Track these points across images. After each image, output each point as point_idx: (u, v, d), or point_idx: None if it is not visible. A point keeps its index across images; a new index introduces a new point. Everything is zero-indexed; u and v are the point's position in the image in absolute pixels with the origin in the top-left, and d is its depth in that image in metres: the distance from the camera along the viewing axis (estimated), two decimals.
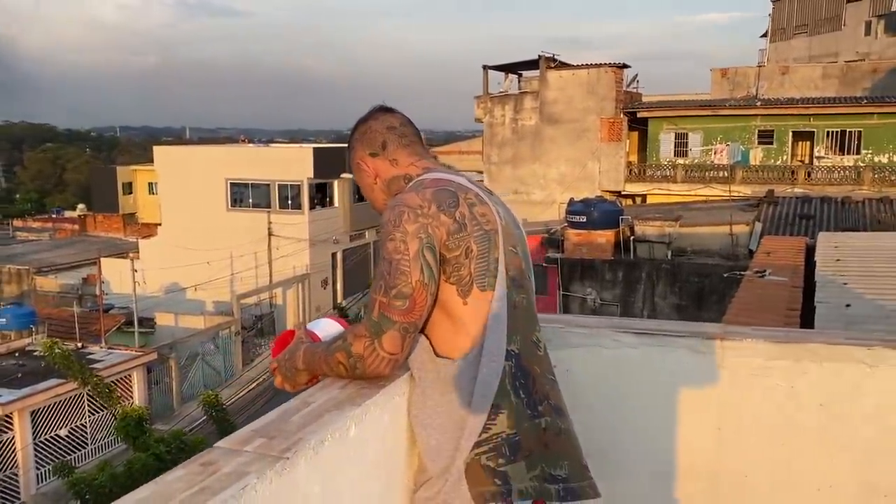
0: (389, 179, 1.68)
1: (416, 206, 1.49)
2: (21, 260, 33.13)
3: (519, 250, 1.62)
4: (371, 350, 1.48)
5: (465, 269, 1.50)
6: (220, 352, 24.50)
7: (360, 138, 1.71)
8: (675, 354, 1.94)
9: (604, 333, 2.00)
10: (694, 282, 17.45)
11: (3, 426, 17.72)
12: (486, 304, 1.52)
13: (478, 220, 1.51)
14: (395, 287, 1.46)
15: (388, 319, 1.47)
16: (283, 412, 1.45)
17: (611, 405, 2.01)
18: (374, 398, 1.53)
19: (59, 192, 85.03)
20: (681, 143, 27.87)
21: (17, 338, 21.98)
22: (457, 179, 1.58)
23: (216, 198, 30.23)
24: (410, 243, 1.47)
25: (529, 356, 1.57)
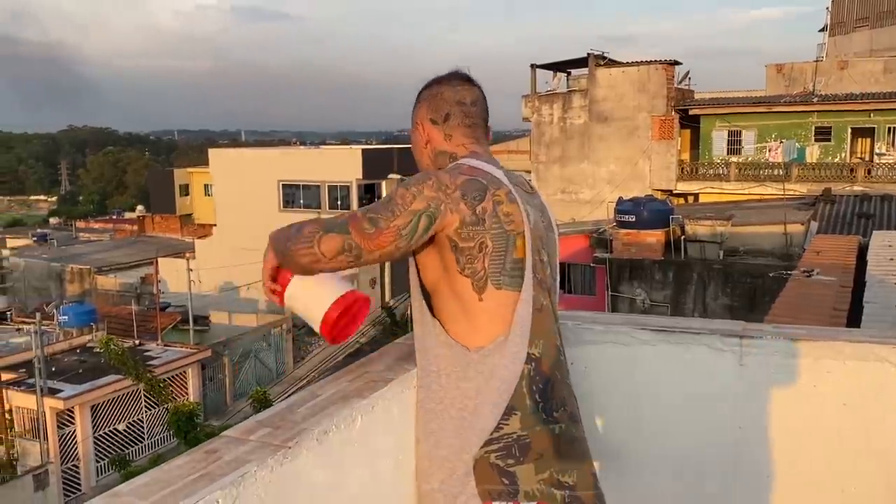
0: (438, 152, 1.68)
1: (444, 183, 1.50)
2: (83, 260, 34.30)
3: (546, 254, 1.61)
4: (310, 236, 1.47)
5: (478, 262, 1.50)
6: (272, 349, 24.94)
7: (429, 101, 1.69)
8: (695, 352, 1.91)
9: (621, 330, 1.98)
10: (746, 283, 17.03)
11: (66, 420, 18.39)
12: (504, 303, 1.52)
13: (499, 218, 1.51)
14: (376, 214, 1.47)
15: (344, 227, 1.47)
16: (289, 404, 1.48)
17: (628, 403, 1.99)
18: (382, 391, 1.55)
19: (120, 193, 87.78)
20: (734, 140, 27.25)
21: (79, 335, 22.77)
22: (494, 173, 1.57)
23: (269, 199, 30.80)
24: (417, 200, 1.48)
25: (550, 361, 1.57)
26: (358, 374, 1.65)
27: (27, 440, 18.56)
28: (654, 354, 1.95)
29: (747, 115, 26.78)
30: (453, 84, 1.69)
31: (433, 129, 1.68)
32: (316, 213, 29.18)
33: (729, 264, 17.56)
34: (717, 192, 25.89)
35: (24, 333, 22.48)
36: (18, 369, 19.20)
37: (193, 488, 1.14)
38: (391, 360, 1.74)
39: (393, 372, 1.66)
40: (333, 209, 29.85)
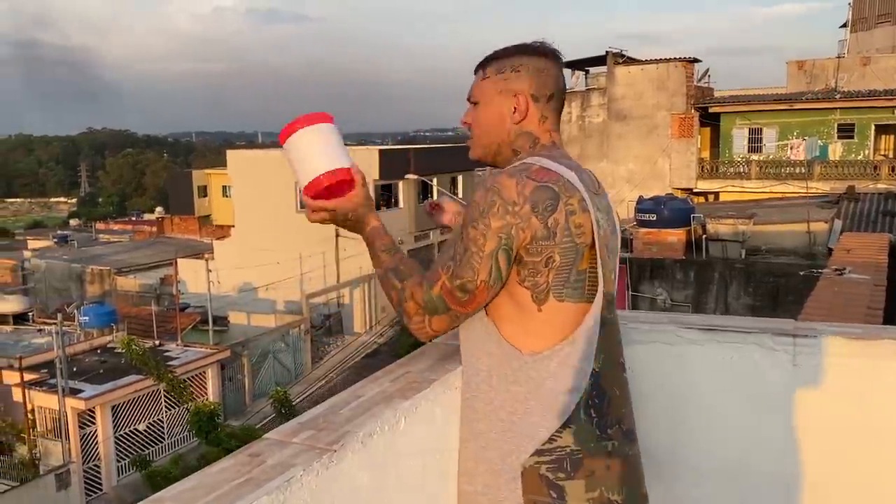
0: (523, 132, 1.55)
1: (510, 201, 1.38)
2: (103, 261, 34.61)
3: (612, 264, 1.53)
4: (419, 319, 1.48)
5: (541, 276, 1.42)
6: (290, 350, 25.02)
7: (536, 75, 1.54)
8: (744, 351, 1.84)
9: (667, 329, 1.92)
10: (769, 282, 16.82)
11: (87, 420, 18.54)
12: (564, 314, 1.45)
13: (571, 230, 1.41)
14: (461, 278, 1.42)
15: (444, 304, 1.45)
16: (331, 405, 1.43)
17: (674, 404, 1.93)
18: (424, 392, 1.50)
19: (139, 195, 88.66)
20: (755, 138, 27.00)
21: (100, 335, 22.96)
22: (566, 175, 1.44)
23: (286, 200, 30.85)
24: (489, 240, 1.39)
25: (611, 377, 1.50)
26: (399, 375, 1.60)
27: (49, 440, 18.74)
28: (702, 354, 1.88)
29: (768, 112, 26.53)
30: (557, 63, 1.58)
31: (533, 107, 1.54)
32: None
33: (751, 263, 17.36)
34: (738, 191, 25.66)
35: (45, 334, 22.70)
36: (40, 370, 19.39)
37: (238, 493, 1.09)
38: (432, 361, 1.69)
39: (435, 372, 1.60)
40: None
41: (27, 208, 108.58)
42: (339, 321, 28.12)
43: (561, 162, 1.48)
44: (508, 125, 1.55)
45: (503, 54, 1.57)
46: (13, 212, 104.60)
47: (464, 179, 35.00)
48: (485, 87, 1.57)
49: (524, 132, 1.55)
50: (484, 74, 1.58)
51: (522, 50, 1.56)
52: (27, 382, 18.67)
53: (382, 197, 30.76)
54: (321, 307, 27.69)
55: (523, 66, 1.54)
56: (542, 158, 1.48)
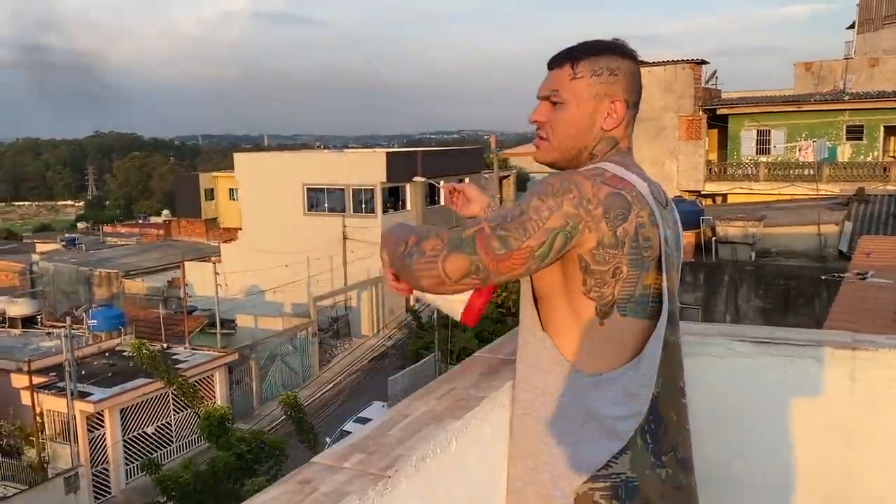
0: (608, 136, 1.45)
1: (586, 196, 1.31)
2: (111, 264, 34.62)
3: (676, 281, 1.45)
4: (433, 255, 1.32)
5: (608, 288, 1.34)
6: (298, 353, 24.98)
7: (629, 78, 1.45)
8: (799, 365, 1.76)
9: (715, 341, 1.85)
10: (780, 284, 16.72)
11: (95, 423, 18.52)
12: (627, 331, 1.38)
13: (639, 243, 1.34)
14: (507, 231, 1.30)
15: (472, 246, 1.30)
16: (380, 425, 1.36)
17: (723, 420, 1.86)
18: (474, 411, 1.43)
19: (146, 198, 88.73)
20: (763, 140, 26.86)
21: (108, 338, 22.95)
22: (638, 186, 1.37)
23: (293, 202, 30.88)
24: (554, 217, 1.30)
25: (669, 402, 1.42)
26: (445, 392, 1.53)
27: (58, 443, 18.72)
28: (754, 368, 1.81)
29: (776, 114, 26.39)
30: (639, 68, 1.48)
31: (625, 112, 1.46)
32: (340, 216, 29.27)
33: (761, 266, 17.27)
34: (746, 193, 25.53)
35: (54, 337, 22.69)
36: (49, 373, 19.37)
37: None
38: (476, 376, 1.62)
39: (482, 389, 1.54)
40: (358, 212, 29.87)
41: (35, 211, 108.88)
42: (346, 324, 28.08)
43: (633, 171, 1.41)
44: (597, 130, 1.45)
45: (594, 52, 1.45)
46: (21, 215, 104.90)
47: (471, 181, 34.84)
48: (577, 88, 1.44)
49: (609, 137, 1.46)
50: (574, 73, 1.44)
51: (615, 50, 1.46)
52: (36, 386, 18.66)
53: (390, 200, 30.71)
54: (329, 310, 27.66)
55: (620, 70, 1.45)
56: (616, 165, 1.40)
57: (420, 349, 22.21)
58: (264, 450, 12.31)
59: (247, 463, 11.94)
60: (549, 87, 1.46)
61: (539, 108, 1.49)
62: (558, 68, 1.45)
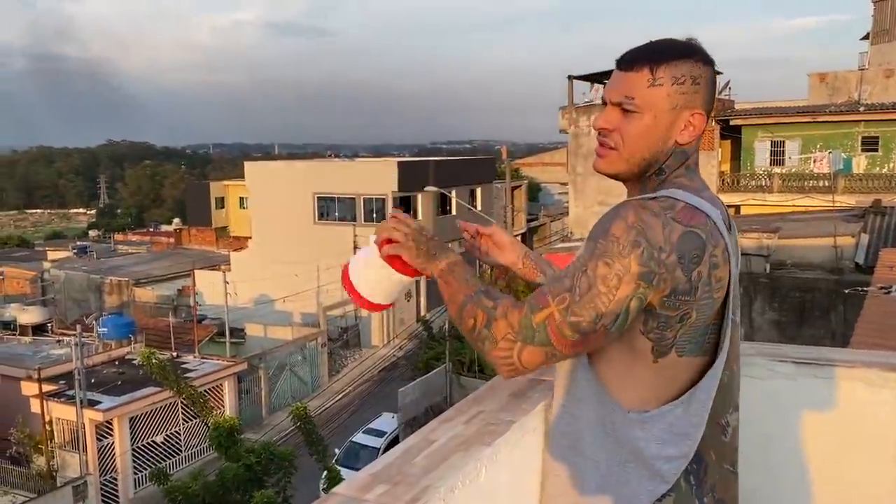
0: (681, 150, 1.32)
1: (657, 246, 1.18)
2: (122, 272, 34.72)
3: (737, 316, 1.34)
4: (508, 346, 1.23)
5: (671, 331, 1.24)
6: (307, 363, 24.90)
7: (710, 87, 1.31)
8: (845, 388, 1.66)
9: (755, 362, 1.75)
10: (795, 297, 16.52)
11: (105, 432, 18.48)
12: (680, 369, 1.28)
13: (711, 285, 1.22)
14: (578, 316, 1.19)
15: (545, 336, 1.21)
16: (404, 452, 1.27)
17: (763, 444, 1.75)
18: (504, 436, 1.34)
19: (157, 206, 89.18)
20: (777, 151, 26.66)
21: (118, 346, 22.95)
22: (711, 214, 1.24)
23: (304, 211, 30.90)
24: (625, 285, 1.18)
25: (709, 440, 1.32)
26: (472, 415, 1.44)
27: (67, 451, 18.69)
28: (796, 390, 1.71)
29: (791, 125, 26.20)
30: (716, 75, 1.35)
31: (704, 125, 1.33)
32: (351, 225, 29.23)
33: (776, 278, 17.07)
34: (760, 204, 25.31)
35: (64, 345, 22.70)
36: (59, 381, 19.37)
37: None
38: (505, 398, 1.53)
39: (511, 412, 1.44)
40: (369, 221, 29.82)
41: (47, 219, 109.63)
42: (356, 334, 27.98)
43: (704, 194, 1.29)
44: (671, 144, 1.31)
45: (677, 56, 1.28)
46: (33, 223, 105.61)
47: (483, 192, 34.87)
48: (655, 97, 1.28)
49: (681, 151, 1.32)
50: (654, 79, 1.27)
51: (697, 54, 1.30)
52: (46, 394, 18.65)
53: (401, 209, 30.66)
54: (338, 319, 27.58)
55: (702, 78, 1.30)
56: (688, 193, 1.26)
57: (431, 360, 22.08)
58: (273, 461, 12.22)
59: (255, 474, 11.84)
60: (623, 93, 1.29)
61: (608, 113, 1.33)
62: (633, 71, 1.29)
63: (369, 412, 20.97)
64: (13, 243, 61.33)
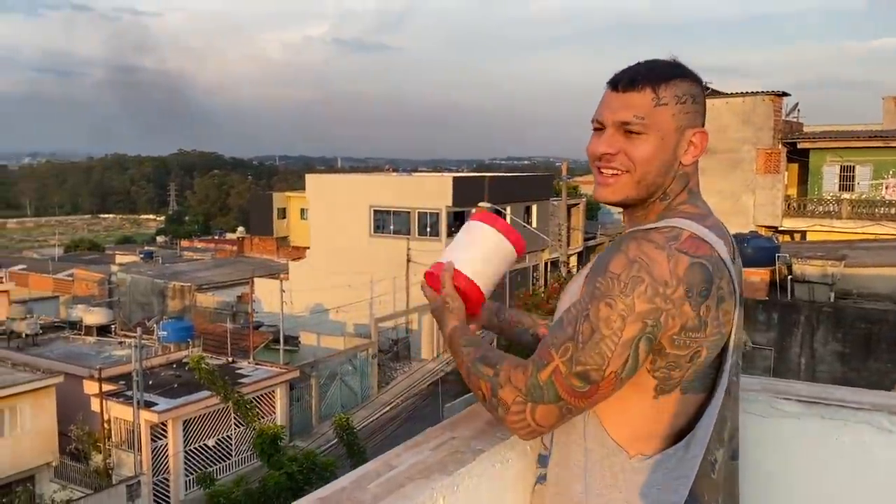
0: (685, 172, 1.29)
1: (661, 281, 1.13)
2: (185, 277, 35.69)
3: (740, 352, 1.29)
4: (520, 409, 1.20)
5: (679, 371, 1.18)
6: (358, 373, 25.07)
7: (703, 105, 1.29)
8: (854, 431, 1.55)
9: (759, 399, 1.65)
10: (861, 328, 15.84)
11: (159, 433, 18.95)
12: (682, 408, 1.22)
13: (719, 320, 1.17)
14: (584, 365, 1.15)
15: (555, 392, 1.17)
16: (359, 477, 1.23)
17: (764, 484, 1.65)
18: (468, 466, 1.29)
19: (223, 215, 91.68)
20: (846, 176, 25.73)
21: (176, 350, 23.57)
22: (717, 247, 1.19)
23: (360, 224, 31.24)
24: (630, 325, 1.13)
25: (700, 478, 1.24)
26: (442, 442, 1.39)
27: (122, 450, 19.23)
28: (799, 431, 1.60)
29: (862, 149, 25.25)
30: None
31: (705, 142, 1.28)
32: (405, 238, 29.42)
33: (841, 308, 16.41)
34: (827, 231, 24.45)
35: (125, 346, 23.44)
36: (118, 381, 19.98)
37: None
38: (481, 425, 1.47)
39: (483, 441, 1.38)
40: (423, 235, 29.96)
41: (119, 224, 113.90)
42: (406, 346, 28.06)
43: (707, 225, 1.23)
44: (677, 166, 1.27)
45: (674, 75, 1.26)
46: (105, 227, 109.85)
47: (538, 209, 34.65)
48: (661, 117, 1.24)
49: (684, 173, 1.29)
50: (658, 99, 1.23)
51: (691, 73, 1.28)
52: (105, 393, 19.27)
53: (454, 224, 30.74)
54: (390, 332, 27.71)
55: (699, 97, 1.28)
56: (692, 222, 1.21)
57: None
58: (315, 471, 12.31)
59: (297, 483, 11.94)
60: (631, 113, 1.23)
61: (609, 137, 1.27)
62: (636, 91, 1.24)
63: (416, 426, 20.93)
64: (84, 247, 63.87)
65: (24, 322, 24.24)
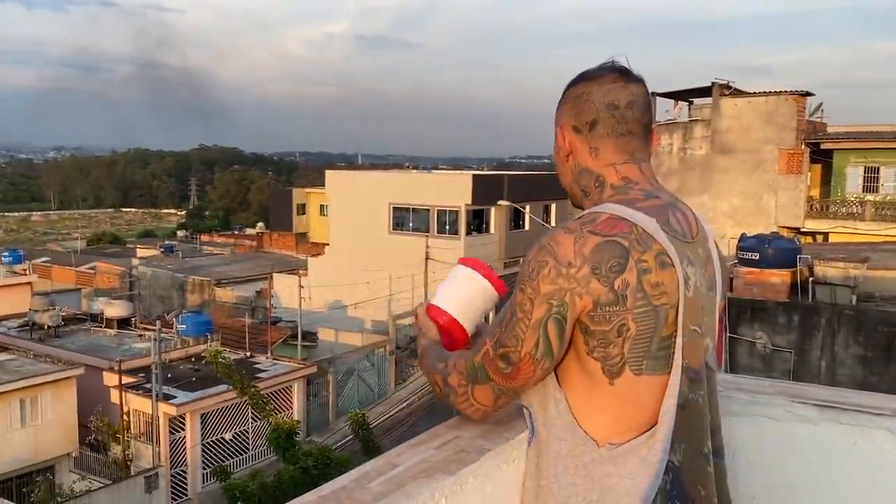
0: (582, 170, 1.35)
1: (565, 262, 1.18)
2: (204, 272, 35.99)
3: (704, 328, 1.26)
4: (463, 391, 1.33)
5: (615, 347, 1.20)
6: (375, 369, 25.12)
7: (573, 102, 1.34)
8: (872, 436, 1.51)
9: (774, 402, 1.61)
10: (883, 331, 15.61)
11: (177, 425, 19.12)
12: (643, 390, 1.22)
13: (645, 292, 1.18)
14: (504, 347, 1.24)
15: (485, 373, 1.28)
16: (361, 475, 1.21)
17: (781, 493, 1.61)
18: (472, 465, 1.26)
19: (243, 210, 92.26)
20: (871, 177, 25.38)
21: (195, 343, 23.73)
22: (643, 224, 1.21)
23: (379, 221, 31.31)
24: (537, 307, 1.20)
25: (694, 472, 1.23)
26: (446, 441, 1.37)
27: (141, 442, 19.41)
28: (816, 435, 1.57)
29: (887, 150, 24.88)
30: (603, 81, 1.32)
31: (576, 140, 1.34)
32: (424, 236, 29.44)
33: (863, 311, 16.18)
34: (850, 232, 24.12)
35: (145, 339, 23.65)
36: (138, 373, 20.17)
37: None
38: (487, 425, 1.44)
39: (489, 440, 1.36)
40: (441, 233, 29.96)
41: (140, 218, 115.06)
42: None
43: (638, 207, 1.24)
44: (567, 163, 1.38)
45: (565, 91, 1.39)
46: (127, 221, 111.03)
47: (557, 207, 34.52)
48: (556, 131, 1.40)
49: (582, 169, 1.36)
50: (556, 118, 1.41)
51: (582, 77, 1.37)
52: (125, 385, 19.45)
53: (474, 222, 30.69)
54: (407, 328, 27.73)
55: (565, 97, 1.38)
56: (615, 205, 1.25)
57: None
58: (330, 466, 12.34)
59: (312, 478, 11.96)
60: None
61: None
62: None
63: (431, 423, 20.81)
64: (106, 240, 64.61)
65: (47, 314, 24.50)
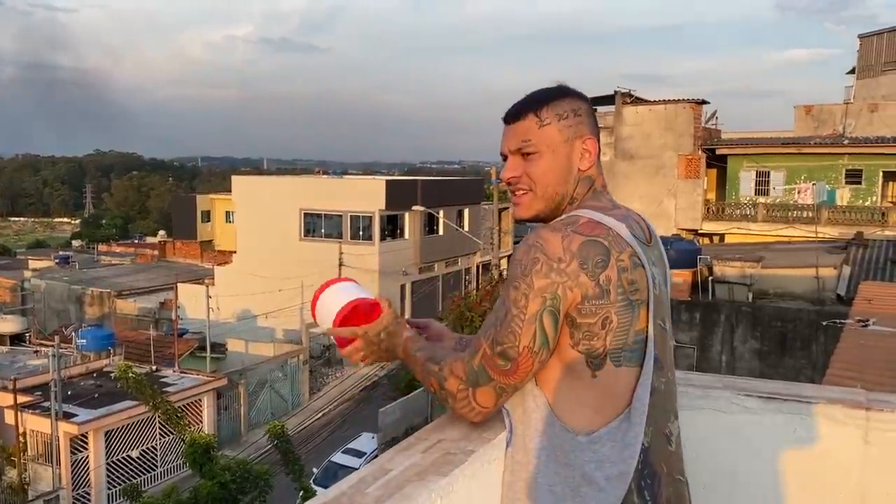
0: (586, 176, 1.42)
1: (555, 258, 1.27)
2: (104, 283, 34.40)
3: (666, 324, 1.39)
4: (464, 396, 1.36)
5: (598, 340, 1.28)
6: (288, 380, 24.70)
7: (590, 115, 1.45)
8: (810, 424, 1.66)
9: (721, 395, 1.74)
10: (777, 326, 16.61)
11: (79, 445, 18.21)
12: (621, 381, 1.31)
13: (624, 287, 1.28)
14: (502, 344, 1.30)
15: (486, 374, 1.33)
16: (357, 481, 1.25)
17: (728, 481, 1.74)
18: (462, 467, 1.32)
19: (142, 218, 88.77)
20: (762, 181, 26.97)
21: (97, 359, 22.68)
22: (616, 228, 1.32)
23: (290, 227, 30.82)
24: (532, 301, 1.27)
25: (658, 452, 1.33)
26: (432, 444, 1.41)
27: (40, 464, 18.39)
28: (760, 425, 1.70)
29: (776, 155, 26.52)
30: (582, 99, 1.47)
31: (597, 148, 1.44)
32: (337, 242, 29.19)
33: (758, 307, 17.16)
34: (744, 233, 25.55)
35: (41, 356, 22.42)
36: (34, 392, 19.10)
37: None
38: (467, 426, 1.50)
39: (472, 442, 1.42)
40: (355, 239, 29.78)
41: (30, 227, 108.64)
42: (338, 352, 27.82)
43: (610, 213, 1.37)
44: (575, 173, 1.43)
45: (553, 97, 1.43)
46: (16, 230, 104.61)
47: (470, 212, 34.95)
48: (548, 135, 1.41)
49: (586, 177, 1.44)
50: (541, 121, 1.41)
51: (567, 93, 1.45)
52: (20, 405, 18.37)
53: (388, 227, 30.68)
54: (321, 337, 27.39)
55: (581, 109, 1.44)
56: (591, 210, 1.36)
57: (413, 380, 21.97)
58: (249, 479, 12.08)
59: (230, 493, 11.69)
60: (520, 139, 1.42)
61: (510, 163, 1.45)
62: (521, 120, 1.43)
63: (349, 432, 20.80)
64: None
65: None
